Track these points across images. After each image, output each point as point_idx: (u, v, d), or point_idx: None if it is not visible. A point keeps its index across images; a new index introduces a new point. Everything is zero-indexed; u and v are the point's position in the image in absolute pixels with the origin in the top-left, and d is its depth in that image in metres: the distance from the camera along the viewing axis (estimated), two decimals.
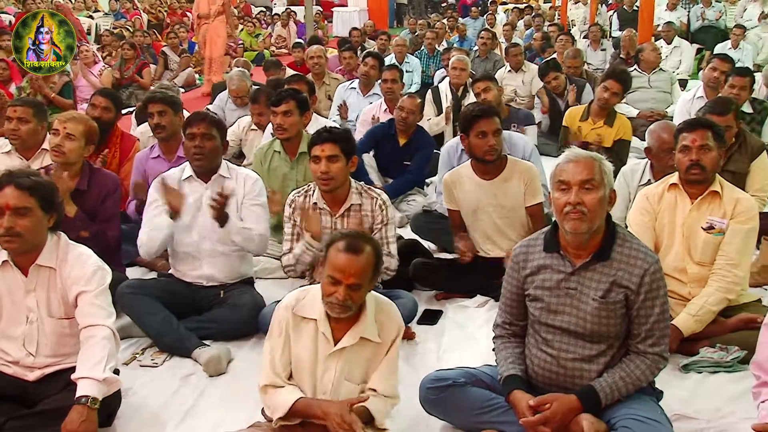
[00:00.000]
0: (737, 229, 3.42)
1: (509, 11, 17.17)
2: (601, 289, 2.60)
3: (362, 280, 2.53)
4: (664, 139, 4.14)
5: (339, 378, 2.63)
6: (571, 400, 2.57)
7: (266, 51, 15.44)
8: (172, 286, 3.86)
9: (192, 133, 3.74)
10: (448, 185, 4.21)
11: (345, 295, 2.51)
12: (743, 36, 11.25)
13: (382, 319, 2.66)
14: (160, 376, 3.44)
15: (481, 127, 3.96)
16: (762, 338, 2.58)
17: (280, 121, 4.65)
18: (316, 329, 2.65)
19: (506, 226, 4.11)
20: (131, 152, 5.06)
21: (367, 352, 2.65)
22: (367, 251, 2.54)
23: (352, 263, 2.50)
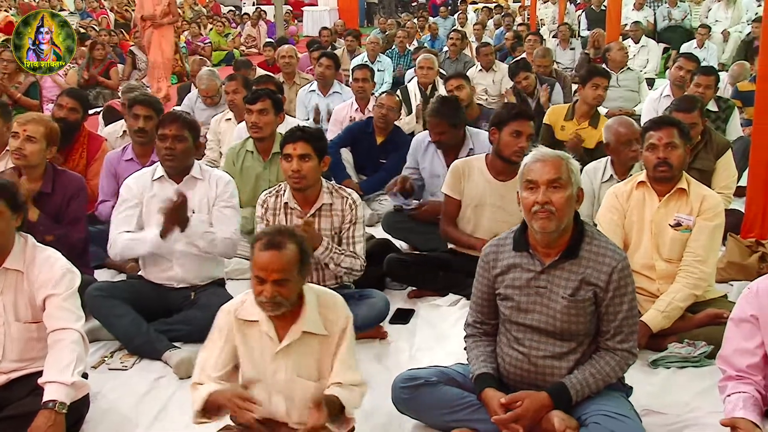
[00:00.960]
0: (704, 225, 3.47)
1: (479, 11, 17.26)
2: (570, 287, 2.62)
3: (287, 275, 2.49)
4: (621, 133, 4.21)
5: (291, 376, 2.61)
6: (542, 397, 2.59)
7: (236, 51, 15.35)
8: (141, 288, 3.82)
9: (164, 134, 3.70)
10: (457, 172, 4.18)
11: (272, 291, 2.48)
12: (708, 35, 11.42)
13: (326, 312, 2.64)
14: (129, 379, 3.41)
15: (518, 127, 3.94)
16: (727, 333, 2.63)
17: (255, 119, 4.63)
18: (260, 331, 2.63)
19: (499, 228, 4.06)
20: (98, 152, 5.00)
21: (315, 346, 2.63)
22: (288, 245, 2.50)
23: (273, 259, 2.47)
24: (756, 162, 4.55)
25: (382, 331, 3.82)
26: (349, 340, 2.64)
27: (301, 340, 2.60)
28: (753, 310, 2.54)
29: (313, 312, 2.61)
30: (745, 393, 2.49)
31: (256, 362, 2.64)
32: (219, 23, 16.34)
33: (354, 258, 3.69)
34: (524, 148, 3.89)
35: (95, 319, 3.65)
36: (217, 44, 15.16)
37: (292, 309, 2.58)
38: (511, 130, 3.95)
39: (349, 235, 3.70)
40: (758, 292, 2.55)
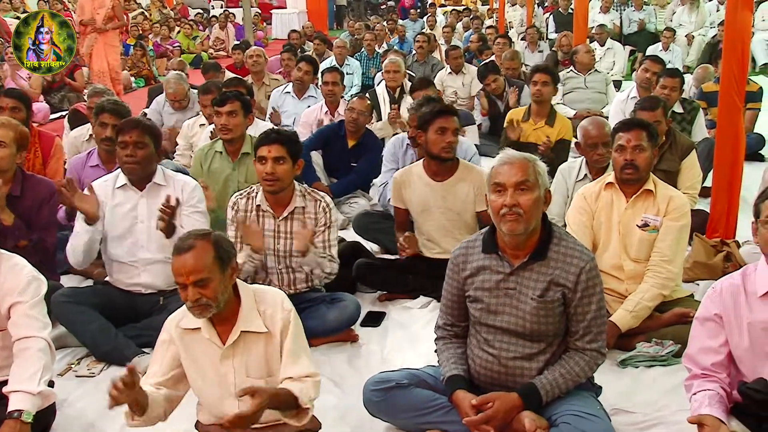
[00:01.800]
0: (670, 226, 3.51)
1: (448, 13, 17.33)
2: (539, 289, 2.63)
3: (203, 274, 2.46)
4: (589, 135, 4.26)
5: (240, 377, 2.60)
6: (513, 398, 2.60)
7: (204, 53, 15.24)
8: (108, 293, 3.78)
9: (124, 141, 3.64)
10: (398, 184, 4.23)
11: (194, 294, 2.46)
12: (673, 38, 11.59)
13: (264, 308, 2.62)
14: (97, 386, 3.36)
15: (442, 124, 4.00)
16: (693, 332, 2.66)
17: (224, 121, 4.61)
18: (203, 337, 2.62)
19: (453, 228, 4.14)
20: (53, 149, 4.93)
21: (259, 344, 2.61)
22: (197, 245, 2.48)
23: (184, 262, 2.46)
24: (720, 162, 4.61)
25: (353, 334, 3.81)
26: (294, 334, 2.61)
27: (244, 340, 2.59)
28: (717, 309, 2.57)
29: (251, 311, 2.60)
30: (710, 391, 2.52)
31: (204, 370, 2.63)
32: (187, 26, 16.20)
33: (333, 262, 3.69)
34: (452, 142, 3.99)
35: (62, 326, 3.60)
36: (185, 47, 15.04)
37: (229, 310, 2.57)
38: (435, 128, 4.01)
39: (324, 239, 3.69)
40: (722, 291, 2.58)
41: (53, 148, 4.96)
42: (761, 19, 12.31)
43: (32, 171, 4.55)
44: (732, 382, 2.58)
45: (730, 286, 2.57)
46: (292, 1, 20.72)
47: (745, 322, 2.51)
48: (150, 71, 12.30)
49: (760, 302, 2.50)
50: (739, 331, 2.53)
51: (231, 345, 2.58)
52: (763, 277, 2.50)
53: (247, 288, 2.66)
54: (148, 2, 19.38)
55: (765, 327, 2.48)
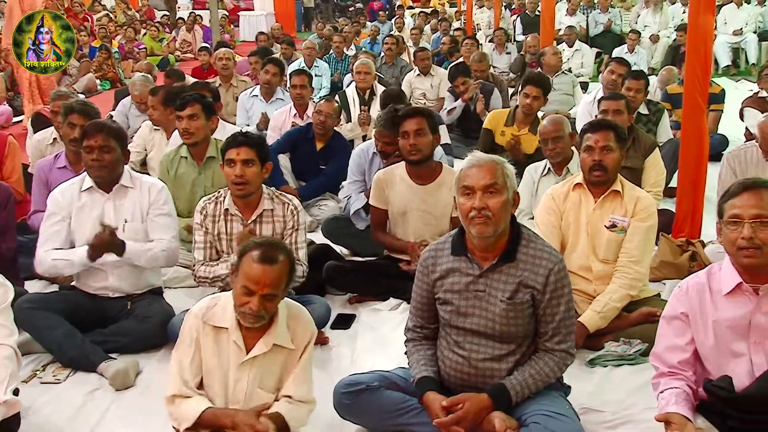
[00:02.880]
0: (638, 227, 3.55)
1: (416, 15, 17.37)
2: (508, 290, 2.64)
3: (277, 290, 2.50)
4: (543, 130, 4.43)
5: (252, 387, 2.60)
6: (483, 399, 2.61)
7: (171, 56, 15.11)
8: (75, 298, 3.72)
9: (90, 145, 3.58)
10: (380, 183, 4.23)
11: (259, 305, 2.48)
12: (638, 40, 11.74)
13: (294, 325, 2.64)
14: (63, 392, 3.31)
15: (404, 127, 4.05)
16: (660, 330, 2.70)
17: (186, 125, 4.56)
18: (228, 338, 2.60)
19: (429, 232, 4.14)
20: (6, 148, 4.86)
21: (280, 359, 2.62)
22: (281, 260, 2.52)
23: (267, 274, 2.47)
24: (685, 163, 4.68)
25: (323, 336, 3.79)
26: (309, 355, 2.64)
27: (268, 353, 2.60)
28: (683, 308, 2.61)
29: (283, 324, 2.61)
30: (677, 389, 2.55)
31: (219, 369, 2.62)
32: (153, 28, 16.04)
33: (300, 265, 3.67)
34: (414, 144, 4.02)
35: (26, 332, 3.53)
36: (151, 49, 14.89)
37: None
38: (400, 132, 4.08)
39: (292, 241, 3.67)
40: (688, 290, 2.62)
41: (7, 147, 4.87)
42: (723, 22, 12.53)
43: None
44: (698, 380, 2.61)
45: (695, 285, 2.61)
46: (259, 3, 20.64)
47: (710, 320, 2.55)
48: (116, 74, 12.16)
49: (725, 300, 2.53)
50: (705, 329, 2.56)
51: (255, 354, 2.57)
52: (728, 275, 2.54)
53: (282, 301, 2.65)
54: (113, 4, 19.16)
55: (729, 325, 2.51)
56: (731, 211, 2.48)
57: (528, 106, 5.65)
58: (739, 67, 12.46)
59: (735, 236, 2.45)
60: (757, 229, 2.41)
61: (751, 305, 2.49)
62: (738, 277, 2.50)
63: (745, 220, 2.43)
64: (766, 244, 2.41)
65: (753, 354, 2.50)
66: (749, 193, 2.46)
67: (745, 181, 2.56)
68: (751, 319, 2.49)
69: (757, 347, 2.49)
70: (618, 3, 14.43)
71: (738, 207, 2.46)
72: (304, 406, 2.63)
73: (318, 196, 5.71)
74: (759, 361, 2.49)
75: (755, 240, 2.41)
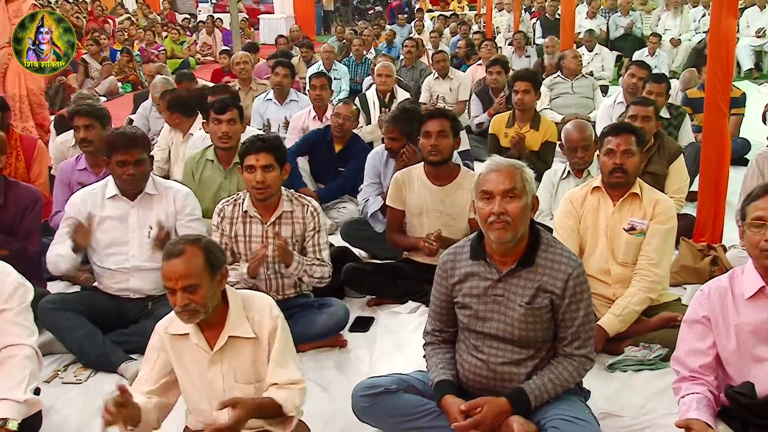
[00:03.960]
0: (657, 229, 3.53)
1: (435, 18, 17.37)
2: (527, 295, 2.63)
3: (193, 280, 2.46)
4: (570, 138, 4.37)
5: (228, 382, 2.60)
6: (502, 403, 2.60)
7: (191, 59, 15.21)
8: (96, 299, 3.76)
9: (124, 160, 3.59)
10: (397, 183, 4.23)
11: (183, 299, 2.46)
12: (659, 44, 11.66)
13: (252, 314, 2.62)
14: (84, 393, 3.35)
15: (427, 127, 4.05)
16: (681, 334, 2.67)
17: (225, 129, 4.57)
18: (191, 343, 2.61)
19: (447, 232, 4.13)
20: (35, 152, 4.92)
21: (247, 350, 2.61)
22: (187, 250, 2.49)
23: (174, 267, 2.46)
24: (706, 167, 4.65)
25: (341, 339, 3.81)
26: (281, 340, 2.61)
27: (232, 345, 2.59)
28: (705, 312, 2.59)
29: (239, 316, 2.60)
30: (698, 394, 2.53)
31: (193, 375, 2.63)
32: (174, 31, 16.16)
33: (323, 266, 3.69)
34: (435, 145, 4.02)
35: (48, 332, 3.57)
36: (172, 52, 15.00)
37: (217, 316, 2.58)
38: (422, 132, 4.07)
39: (314, 243, 3.69)
40: (710, 293, 2.60)
41: (36, 151, 4.93)
42: (746, 25, 12.42)
43: (15, 175, 4.54)
44: (719, 385, 2.59)
45: (717, 289, 2.58)
46: (279, 6, 20.72)
47: (732, 324, 2.52)
48: (137, 76, 12.26)
49: (747, 304, 2.51)
50: (727, 333, 2.54)
51: (219, 350, 2.59)
52: (750, 279, 2.51)
53: (236, 293, 2.66)
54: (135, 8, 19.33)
55: (752, 329, 2.49)
56: (755, 213, 2.46)
57: (520, 101, 5.71)
58: (762, 70, 12.34)
59: (758, 239, 2.43)
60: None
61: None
62: (761, 281, 2.48)
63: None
64: None
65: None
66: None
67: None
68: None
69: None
70: (639, 6, 14.33)
71: (762, 209, 2.44)
72: (294, 387, 2.59)
73: (336, 199, 5.72)
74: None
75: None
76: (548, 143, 5.66)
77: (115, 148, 3.62)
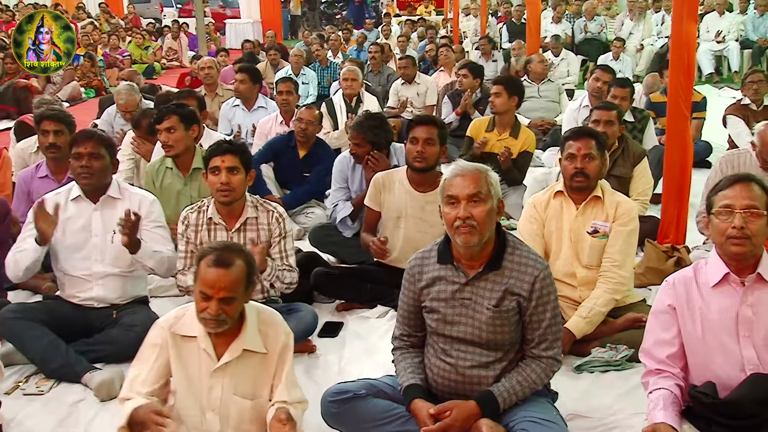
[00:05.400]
0: (619, 231, 3.56)
1: (402, 23, 17.42)
2: (495, 298, 2.65)
3: (234, 293, 2.47)
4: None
5: (227, 394, 2.58)
6: (471, 406, 2.61)
7: (156, 64, 15.06)
8: (59, 308, 3.69)
9: (78, 152, 3.58)
10: (377, 185, 4.22)
11: (217, 309, 2.46)
12: (623, 48, 11.82)
13: (266, 329, 2.62)
14: (46, 404, 3.28)
15: (414, 133, 4.03)
16: (648, 326, 2.73)
17: (164, 138, 4.54)
18: (198, 346, 2.58)
19: (423, 240, 4.10)
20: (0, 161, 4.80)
21: (253, 364, 2.60)
22: (237, 263, 2.50)
23: (221, 277, 2.45)
24: (670, 170, 4.71)
25: (310, 344, 3.79)
26: (290, 358, 2.63)
27: (241, 358, 2.58)
28: (670, 300, 2.64)
29: (254, 329, 2.59)
30: (665, 390, 2.56)
31: (191, 379, 2.59)
32: (138, 36, 15.99)
33: (292, 271, 3.67)
34: (421, 152, 3.99)
35: (9, 343, 3.50)
36: (138, 57, 14.84)
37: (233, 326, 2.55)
38: (409, 138, 4.06)
39: (281, 249, 3.66)
40: (675, 283, 2.66)
41: (0, 160, 4.83)
42: (706, 30, 12.64)
43: None
44: (686, 377, 2.63)
45: (683, 279, 2.65)
46: (246, 10, 20.64)
47: (697, 310, 2.58)
48: (100, 82, 12.11)
49: (712, 292, 2.57)
50: (693, 320, 2.59)
51: (227, 361, 2.56)
52: (715, 268, 2.58)
53: (252, 306, 2.64)
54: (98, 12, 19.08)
55: (717, 318, 2.54)
56: (723, 201, 2.52)
57: (492, 104, 5.73)
58: (721, 74, 12.57)
59: (725, 226, 2.50)
60: (748, 220, 2.46)
61: (738, 297, 2.53)
62: (725, 268, 2.55)
63: (736, 209, 2.48)
64: (755, 234, 2.46)
65: (743, 349, 2.52)
66: (741, 185, 2.52)
67: (737, 174, 2.61)
68: (738, 311, 2.52)
69: (746, 341, 2.52)
70: (603, 11, 14.52)
71: (730, 198, 2.51)
72: (300, 407, 2.64)
73: (302, 205, 5.69)
74: (749, 356, 2.51)
75: (745, 230, 2.46)
76: (526, 153, 5.64)
77: (73, 141, 3.64)
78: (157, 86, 8.21)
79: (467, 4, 16.68)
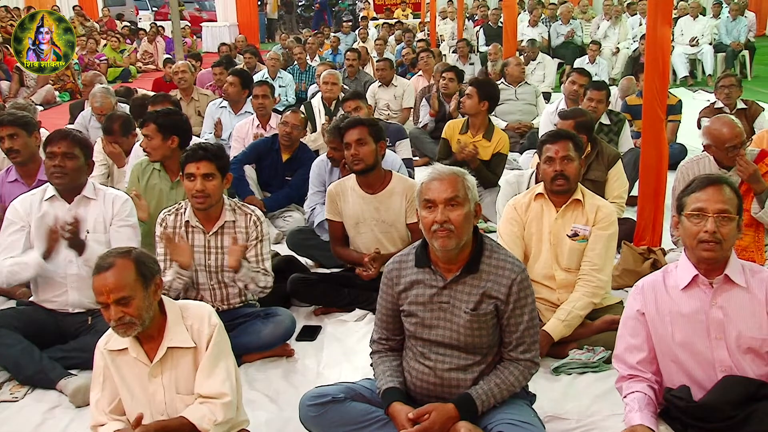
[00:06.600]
0: (599, 235, 3.58)
1: (379, 26, 17.43)
2: (472, 302, 2.65)
3: (124, 292, 2.44)
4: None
5: (170, 394, 2.57)
6: (449, 409, 2.61)
7: (132, 67, 14.94)
8: (33, 314, 3.65)
9: (52, 151, 3.57)
10: (332, 196, 4.22)
11: (117, 312, 2.44)
12: (599, 51, 11.92)
13: (191, 323, 2.60)
14: (21, 411, 3.25)
15: (346, 138, 4.06)
16: (619, 332, 2.73)
17: (144, 144, 4.48)
18: (131, 357, 2.57)
19: (387, 240, 4.15)
20: None
21: (187, 360, 2.58)
22: (117, 263, 2.47)
23: (105, 281, 2.44)
24: (646, 172, 4.75)
25: (288, 348, 3.78)
26: (213, 348, 2.59)
27: (171, 356, 2.57)
28: (638, 306, 2.64)
29: (177, 326, 2.58)
30: (639, 392, 2.58)
31: (133, 390, 2.59)
32: (114, 39, 15.85)
33: (267, 275, 3.65)
34: (355, 154, 4.03)
35: None
36: (113, 60, 14.72)
37: (155, 328, 2.55)
38: (344, 144, 4.09)
39: (257, 252, 3.64)
40: (644, 288, 2.66)
41: None
42: (680, 33, 12.78)
43: None
44: (660, 380, 2.64)
45: (652, 283, 2.66)
46: (222, 14, 20.55)
47: (668, 314, 2.58)
48: (75, 85, 11.99)
49: (682, 295, 2.58)
50: (663, 324, 2.59)
51: (158, 362, 2.55)
52: (684, 270, 2.58)
53: (173, 304, 2.63)
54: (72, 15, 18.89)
55: (688, 320, 2.55)
56: (695, 204, 2.52)
57: (462, 104, 5.81)
58: (696, 77, 12.71)
59: (697, 230, 2.50)
60: (720, 224, 2.47)
61: (707, 299, 2.54)
62: (694, 270, 2.55)
63: (709, 214, 2.48)
64: (726, 239, 2.47)
65: (715, 350, 2.53)
66: (714, 188, 2.52)
67: (710, 176, 2.61)
68: (707, 313, 2.53)
69: (717, 343, 2.52)
70: (579, 14, 14.63)
71: (703, 201, 2.51)
72: (216, 402, 2.55)
73: (283, 208, 5.68)
74: (721, 357, 2.52)
75: (717, 234, 2.46)
76: (500, 154, 5.68)
77: (47, 141, 3.61)
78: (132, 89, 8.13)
79: (444, 8, 16.74)
